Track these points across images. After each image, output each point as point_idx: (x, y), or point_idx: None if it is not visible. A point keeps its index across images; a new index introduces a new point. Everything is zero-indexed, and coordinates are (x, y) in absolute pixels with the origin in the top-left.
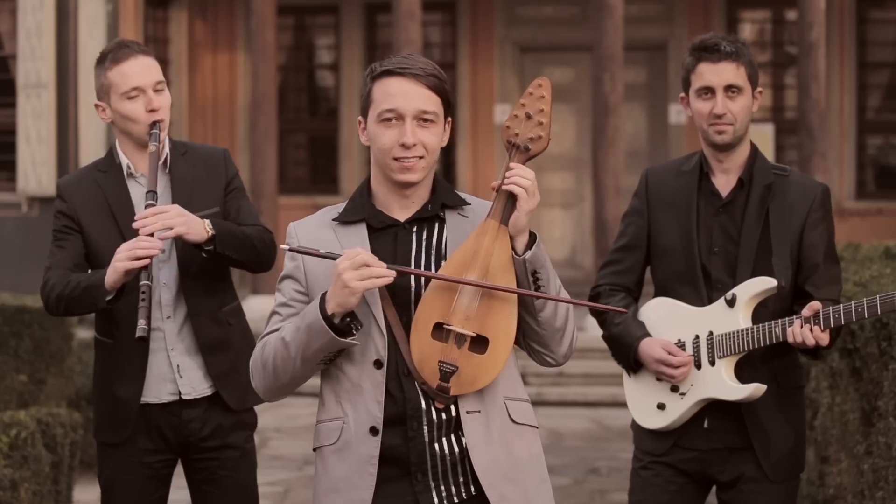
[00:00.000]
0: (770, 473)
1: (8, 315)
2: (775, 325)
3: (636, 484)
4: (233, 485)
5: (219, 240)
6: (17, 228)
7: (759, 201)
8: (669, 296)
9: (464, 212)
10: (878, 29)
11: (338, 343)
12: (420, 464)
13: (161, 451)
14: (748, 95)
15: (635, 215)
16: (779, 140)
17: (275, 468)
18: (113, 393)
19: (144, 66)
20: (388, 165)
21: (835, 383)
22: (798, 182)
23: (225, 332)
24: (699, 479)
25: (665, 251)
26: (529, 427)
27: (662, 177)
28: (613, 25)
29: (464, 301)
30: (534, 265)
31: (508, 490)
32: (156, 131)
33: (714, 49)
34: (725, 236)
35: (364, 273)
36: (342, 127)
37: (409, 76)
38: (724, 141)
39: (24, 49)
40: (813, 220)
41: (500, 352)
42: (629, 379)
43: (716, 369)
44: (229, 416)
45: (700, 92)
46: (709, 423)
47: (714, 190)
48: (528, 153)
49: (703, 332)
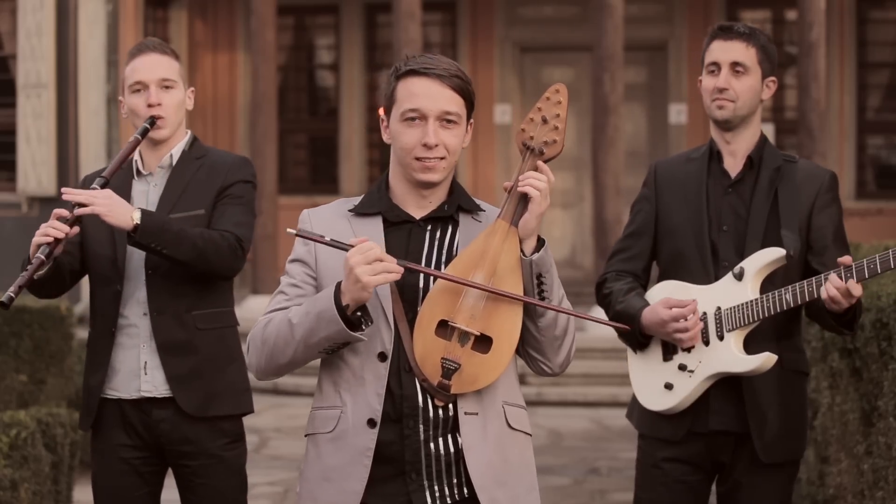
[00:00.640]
0: (762, 454)
1: (8, 315)
2: (785, 291)
3: (644, 480)
4: (210, 493)
5: (141, 231)
6: (17, 228)
7: (769, 182)
8: (674, 276)
9: (477, 216)
10: (878, 29)
11: (346, 335)
12: (414, 462)
13: (138, 447)
14: (755, 77)
15: (643, 202)
16: (779, 140)
17: (275, 468)
18: (86, 380)
19: (154, 63)
20: (409, 165)
21: (835, 383)
22: (806, 168)
23: (189, 336)
24: (708, 468)
25: (673, 230)
26: (524, 434)
27: (671, 165)
28: (613, 25)
29: (470, 300)
30: (540, 268)
31: (499, 494)
32: (146, 125)
33: (728, 28)
34: (735, 215)
35: (377, 268)
36: (342, 127)
37: (434, 76)
38: (724, 116)
39: (24, 49)
40: (822, 202)
41: (503, 353)
42: (635, 358)
43: (725, 343)
44: (202, 423)
45: (709, 67)
46: (712, 405)
47: (723, 170)
48: (542, 156)
49: (711, 308)
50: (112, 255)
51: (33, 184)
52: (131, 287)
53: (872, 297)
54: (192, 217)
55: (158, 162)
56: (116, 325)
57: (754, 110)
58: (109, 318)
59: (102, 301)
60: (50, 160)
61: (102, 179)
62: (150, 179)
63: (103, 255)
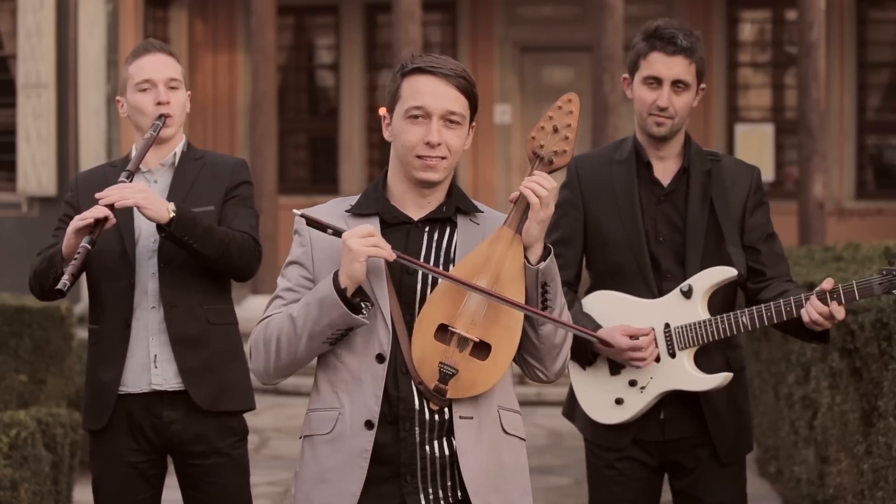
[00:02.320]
0: (724, 457)
1: (8, 315)
2: (742, 314)
3: (598, 482)
4: (219, 492)
5: (177, 223)
6: (17, 228)
7: (701, 188)
8: (611, 288)
9: (476, 219)
10: (878, 29)
11: (348, 318)
12: (410, 465)
13: (145, 451)
14: (693, 92)
15: (568, 206)
16: (779, 140)
17: (275, 468)
18: (97, 377)
19: (160, 62)
20: (410, 163)
21: (835, 383)
22: (732, 166)
23: (202, 329)
24: (658, 468)
25: (607, 242)
26: (518, 439)
27: (594, 165)
28: (613, 25)
29: (471, 305)
30: (545, 277)
31: (493, 498)
32: (158, 123)
33: (670, 41)
34: (670, 225)
35: (370, 240)
36: (342, 127)
37: (440, 76)
38: (661, 133)
39: (24, 49)
40: (753, 202)
41: (501, 359)
42: (581, 374)
43: (677, 361)
44: (213, 421)
45: (647, 80)
46: (665, 415)
47: (654, 178)
48: (551, 166)
49: (659, 324)
50: (121, 249)
51: (33, 184)
52: (140, 281)
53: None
54: (204, 213)
55: (159, 160)
56: (133, 317)
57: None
58: (123, 311)
59: (113, 295)
60: (50, 160)
61: (128, 173)
62: (150, 176)
63: (110, 251)
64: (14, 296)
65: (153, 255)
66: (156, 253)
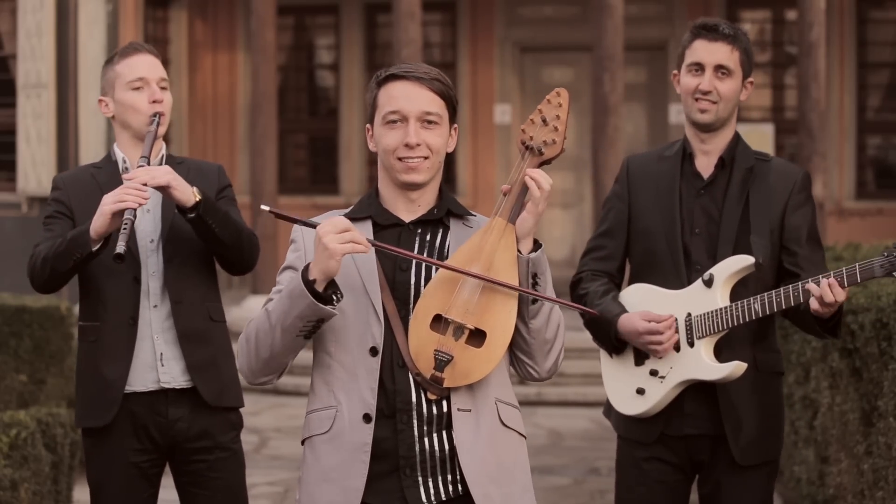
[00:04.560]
0: (738, 457)
1: (8, 315)
2: (754, 300)
3: (623, 479)
4: (222, 486)
5: (204, 206)
6: (17, 228)
7: (741, 183)
8: (646, 279)
9: (468, 222)
10: (878, 29)
11: (317, 310)
12: (409, 458)
13: (148, 450)
14: (737, 80)
15: (615, 200)
16: (779, 140)
17: (275, 468)
18: (100, 374)
19: (151, 62)
20: (392, 167)
21: (835, 383)
22: (779, 167)
23: (206, 326)
24: (688, 469)
25: (645, 232)
26: (518, 434)
27: (644, 162)
28: (613, 25)
29: (464, 294)
30: (536, 268)
31: (493, 491)
32: (155, 119)
33: (713, 29)
34: (707, 217)
35: (346, 237)
36: (342, 127)
37: (413, 79)
38: (705, 120)
39: (24, 49)
40: (794, 202)
41: (496, 347)
42: (609, 362)
43: (695, 350)
44: (216, 416)
45: (691, 67)
46: (687, 409)
47: (695, 171)
48: (541, 156)
49: (681, 314)
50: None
51: (33, 184)
52: (141, 280)
53: (872, 297)
54: None
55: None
56: (138, 314)
57: (734, 112)
58: (128, 308)
59: (115, 291)
60: (50, 160)
61: (145, 159)
62: None
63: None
64: (14, 296)
65: (152, 254)
66: (155, 252)
